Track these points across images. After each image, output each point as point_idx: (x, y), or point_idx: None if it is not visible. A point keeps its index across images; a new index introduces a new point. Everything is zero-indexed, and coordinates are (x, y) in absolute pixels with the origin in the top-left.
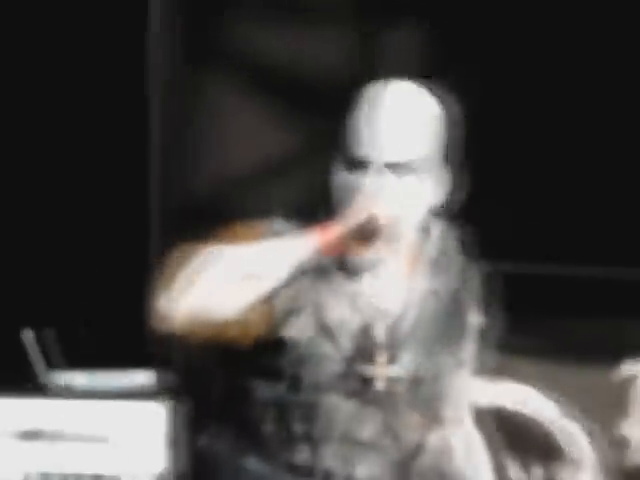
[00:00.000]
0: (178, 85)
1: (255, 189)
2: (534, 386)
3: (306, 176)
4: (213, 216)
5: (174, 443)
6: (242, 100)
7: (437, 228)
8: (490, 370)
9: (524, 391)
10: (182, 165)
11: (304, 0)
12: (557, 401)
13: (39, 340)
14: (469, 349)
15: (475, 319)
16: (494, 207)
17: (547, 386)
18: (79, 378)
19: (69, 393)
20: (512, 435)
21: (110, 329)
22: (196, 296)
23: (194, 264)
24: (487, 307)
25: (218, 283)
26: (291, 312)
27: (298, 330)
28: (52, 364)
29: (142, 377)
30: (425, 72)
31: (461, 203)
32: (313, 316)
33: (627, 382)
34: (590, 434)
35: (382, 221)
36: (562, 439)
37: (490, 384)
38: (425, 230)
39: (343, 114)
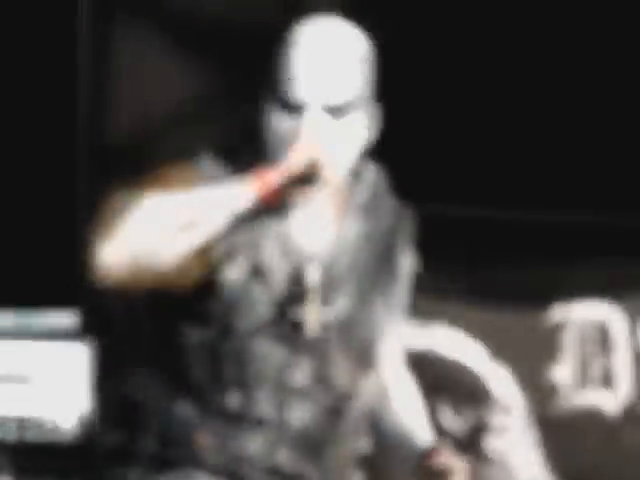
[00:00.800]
0: (104, 26)
1: (179, 130)
2: (463, 330)
3: (229, 117)
4: (139, 156)
5: (97, 385)
6: (165, 40)
7: (368, 171)
8: (419, 314)
9: (453, 335)
10: (108, 105)
11: None
12: (486, 346)
13: None
14: (401, 293)
15: (407, 263)
16: (421, 148)
17: (476, 330)
18: (2, 318)
19: None
20: (442, 379)
21: (38, 269)
22: (134, 247)
23: (130, 213)
24: (417, 250)
25: (155, 233)
26: (227, 255)
27: (232, 273)
28: None
29: (66, 317)
30: (345, 8)
31: (386, 144)
32: (247, 259)
33: (557, 327)
34: (519, 379)
35: (322, 165)
36: (490, 383)
37: (419, 328)
38: (356, 173)
39: (266, 53)
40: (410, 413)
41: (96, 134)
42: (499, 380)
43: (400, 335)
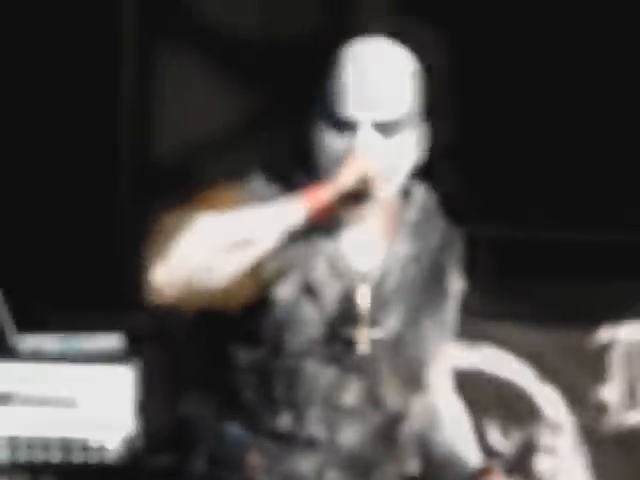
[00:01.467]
0: (148, 53)
1: (227, 150)
2: (511, 351)
3: (278, 136)
4: (187, 179)
5: (144, 407)
6: (212, 60)
7: (418, 191)
8: (468, 335)
9: (501, 356)
10: (154, 127)
11: None
12: (534, 366)
13: (8, 302)
14: (450, 314)
15: (456, 283)
16: (471, 170)
17: (524, 351)
18: (48, 341)
19: (38, 356)
20: (490, 399)
21: (84, 292)
22: (187, 267)
23: (182, 233)
24: (467, 272)
25: (208, 252)
26: (278, 273)
27: (283, 291)
28: (21, 327)
29: (113, 340)
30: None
31: (440, 165)
32: (298, 278)
33: (605, 347)
34: (568, 399)
35: (374, 183)
36: (540, 403)
37: (468, 348)
38: (405, 192)
39: (315, 72)
40: (460, 434)
41: (141, 154)
42: (548, 400)
43: (449, 355)
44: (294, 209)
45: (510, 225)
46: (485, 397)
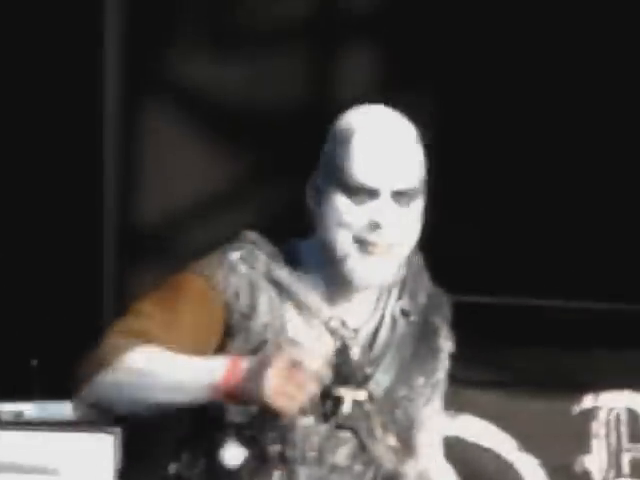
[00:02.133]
0: (131, 118)
1: (211, 217)
2: (491, 419)
3: (260, 201)
4: (170, 244)
5: (124, 473)
6: (190, 132)
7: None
8: (448, 403)
9: (483, 424)
10: (136, 197)
11: (253, 29)
12: (515, 435)
13: None
14: (441, 374)
15: (446, 345)
16: (455, 237)
17: (504, 419)
18: (28, 409)
19: (18, 424)
20: (472, 468)
21: (61, 360)
22: (114, 394)
23: (117, 361)
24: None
25: (138, 387)
26: (253, 352)
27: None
28: (1, 395)
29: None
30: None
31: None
32: (277, 350)
33: (587, 416)
34: (549, 468)
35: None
36: (522, 472)
37: (449, 417)
38: None
39: (298, 141)
40: None
41: (123, 219)
42: (529, 469)
43: (440, 420)
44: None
45: (492, 292)
46: (466, 466)
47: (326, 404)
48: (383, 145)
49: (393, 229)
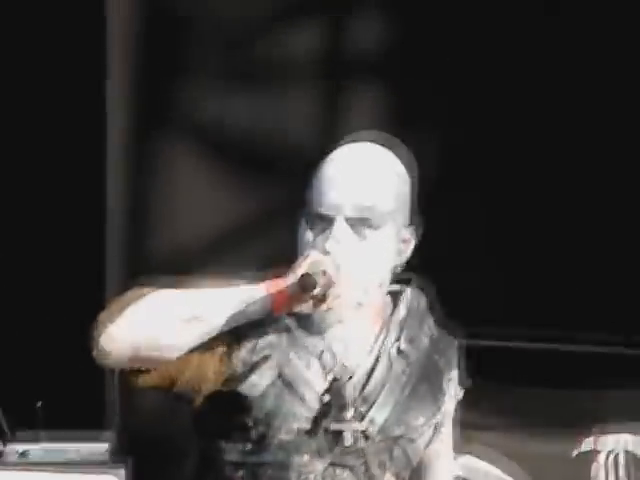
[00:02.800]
0: (135, 150)
1: (216, 254)
2: (493, 460)
3: (268, 240)
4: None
5: None
6: (200, 164)
7: (408, 292)
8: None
9: (484, 465)
10: (140, 230)
11: (261, 64)
12: (516, 476)
13: None
14: (445, 418)
15: (453, 389)
16: (456, 278)
17: (506, 461)
18: (34, 449)
19: (24, 464)
20: None
21: (67, 399)
22: (136, 333)
23: (135, 302)
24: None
25: (158, 322)
26: (252, 368)
27: (260, 387)
28: (7, 435)
29: (97, 449)
30: (387, 131)
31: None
32: (276, 372)
33: (590, 456)
34: None
35: (330, 276)
36: None
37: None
38: (394, 292)
39: (304, 176)
40: None
41: (126, 261)
42: None
43: (450, 460)
44: (252, 294)
45: (492, 333)
46: None
47: (323, 440)
48: (343, 174)
49: (344, 256)
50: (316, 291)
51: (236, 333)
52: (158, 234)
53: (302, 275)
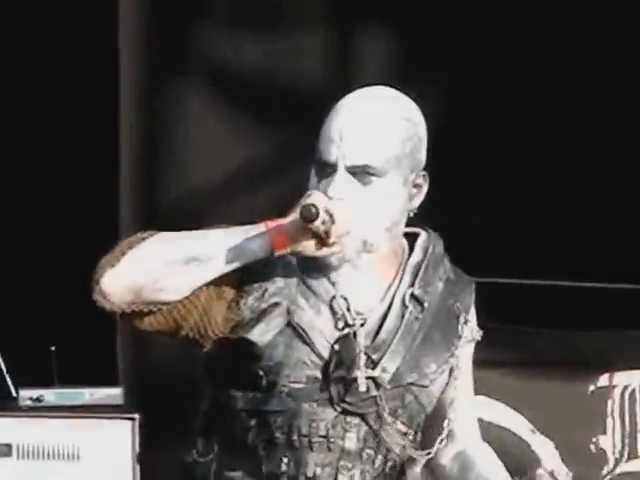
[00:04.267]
0: (150, 93)
1: (230, 200)
2: (508, 400)
3: (282, 185)
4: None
5: (142, 457)
6: (213, 109)
7: (424, 237)
8: None
9: (497, 405)
10: (154, 175)
11: (276, 8)
12: (530, 416)
13: (8, 357)
14: (461, 362)
15: (467, 331)
16: (469, 221)
17: (519, 401)
18: (48, 394)
19: (37, 409)
20: (491, 446)
21: (81, 346)
22: (137, 275)
23: (139, 244)
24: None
25: (159, 263)
26: (261, 315)
27: (269, 334)
28: (21, 381)
29: (111, 393)
30: (399, 78)
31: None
32: (285, 319)
33: (602, 396)
34: (564, 449)
35: (329, 211)
36: (537, 452)
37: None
38: (410, 237)
39: (317, 121)
40: (493, 473)
41: (139, 207)
42: (544, 450)
43: (471, 402)
44: (251, 232)
45: (509, 273)
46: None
47: (333, 388)
48: (345, 121)
49: (347, 201)
50: (317, 223)
51: (244, 280)
52: (171, 181)
53: (303, 206)
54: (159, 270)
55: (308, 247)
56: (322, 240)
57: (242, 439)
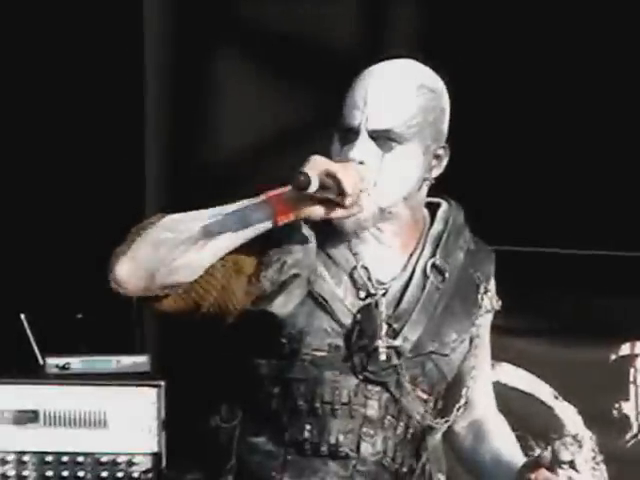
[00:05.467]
0: (174, 56)
1: (258, 165)
2: (532, 366)
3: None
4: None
5: (169, 423)
6: (242, 73)
7: (445, 207)
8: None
9: (521, 372)
10: (182, 143)
11: None
12: (553, 382)
13: (35, 324)
14: (481, 331)
15: (487, 301)
16: (486, 187)
17: (542, 367)
18: (75, 362)
19: (64, 377)
20: (512, 414)
21: (106, 313)
22: (149, 260)
23: (145, 230)
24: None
25: (169, 246)
26: (281, 287)
27: (290, 306)
28: (47, 348)
29: (138, 361)
30: (427, 47)
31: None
32: (305, 290)
33: (627, 362)
34: (587, 415)
35: (332, 174)
36: (561, 418)
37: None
38: (428, 207)
39: (345, 86)
40: (507, 442)
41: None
42: (568, 416)
43: (489, 371)
44: (252, 203)
45: (532, 241)
46: (507, 410)
47: (355, 356)
48: (371, 87)
49: (366, 166)
50: (311, 189)
51: (263, 253)
52: (199, 146)
53: (296, 173)
54: (169, 253)
55: (315, 211)
56: (334, 203)
57: (266, 406)
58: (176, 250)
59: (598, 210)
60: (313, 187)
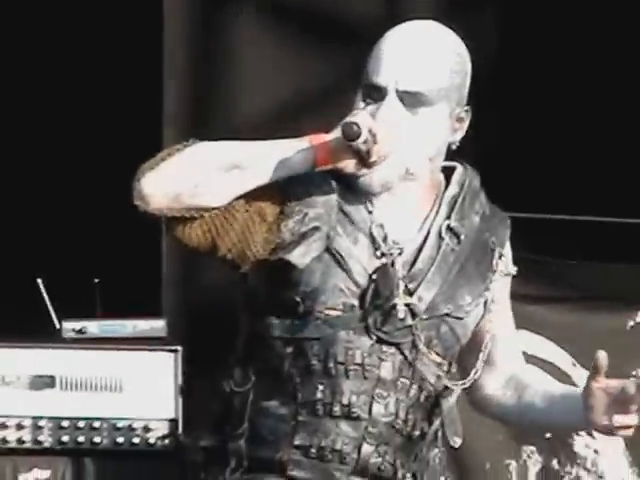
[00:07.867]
0: (195, 25)
1: (277, 128)
2: (549, 333)
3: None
4: None
5: (185, 389)
6: (261, 36)
7: (461, 170)
8: None
9: (539, 339)
10: (201, 107)
11: None
12: (570, 348)
13: (52, 288)
14: (500, 295)
15: (502, 265)
16: (507, 157)
17: (559, 333)
18: (91, 326)
19: (81, 341)
20: None
21: (125, 278)
22: (177, 178)
23: (179, 151)
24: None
25: (199, 168)
26: (300, 238)
27: (308, 257)
28: (64, 313)
29: (154, 325)
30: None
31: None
32: (324, 244)
33: None
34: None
35: (372, 131)
36: (579, 384)
37: None
38: (449, 171)
39: (364, 49)
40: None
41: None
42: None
43: (513, 331)
44: (294, 145)
45: (546, 207)
46: None
47: (369, 316)
48: (400, 48)
49: (393, 125)
50: (359, 142)
51: (286, 203)
52: (218, 110)
53: (345, 123)
54: (199, 175)
55: (349, 165)
56: (363, 160)
57: (278, 367)
58: (208, 174)
59: (615, 177)
60: (362, 139)
